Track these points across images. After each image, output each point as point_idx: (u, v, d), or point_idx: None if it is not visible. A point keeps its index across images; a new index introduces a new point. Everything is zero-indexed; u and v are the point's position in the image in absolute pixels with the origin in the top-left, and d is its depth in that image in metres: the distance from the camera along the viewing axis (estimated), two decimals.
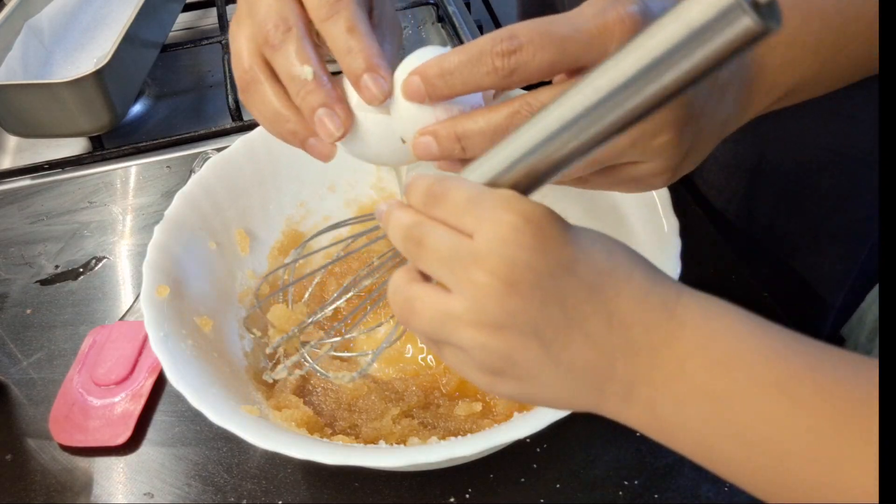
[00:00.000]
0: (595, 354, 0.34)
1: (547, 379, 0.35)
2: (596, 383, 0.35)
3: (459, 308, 0.35)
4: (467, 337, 0.35)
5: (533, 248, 0.34)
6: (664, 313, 0.34)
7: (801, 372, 0.32)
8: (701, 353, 0.33)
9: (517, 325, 0.34)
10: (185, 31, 1.11)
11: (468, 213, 0.35)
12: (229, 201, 0.62)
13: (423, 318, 0.36)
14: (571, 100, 0.33)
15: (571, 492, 0.53)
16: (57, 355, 0.65)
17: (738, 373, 0.32)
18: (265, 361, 0.60)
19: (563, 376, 0.35)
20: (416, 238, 0.37)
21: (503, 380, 0.36)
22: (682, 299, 0.34)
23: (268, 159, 0.64)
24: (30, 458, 0.58)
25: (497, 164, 0.36)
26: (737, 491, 0.52)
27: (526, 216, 0.34)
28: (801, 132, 0.63)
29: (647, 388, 0.34)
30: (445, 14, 1.04)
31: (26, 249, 0.75)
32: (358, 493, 0.54)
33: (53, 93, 0.80)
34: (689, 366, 0.33)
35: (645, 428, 0.36)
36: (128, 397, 0.60)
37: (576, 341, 0.34)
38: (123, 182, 0.83)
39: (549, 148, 0.34)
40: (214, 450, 0.57)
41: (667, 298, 0.34)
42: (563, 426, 0.45)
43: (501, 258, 0.34)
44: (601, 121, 0.32)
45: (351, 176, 0.68)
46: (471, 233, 0.35)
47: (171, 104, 0.97)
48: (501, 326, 0.34)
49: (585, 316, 0.34)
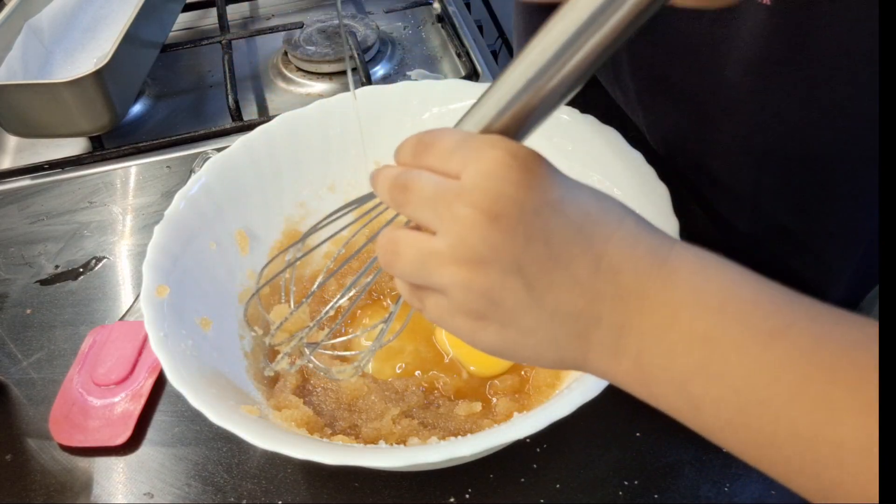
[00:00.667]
0: (581, 298, 0.33)
1: (530, 323, 0.34)
2: (581, 330, 0.33)
3: (442, 245, 0.34)
4: (448, 275, 0.34)
5: (519, 182, 0.33)
6: (656, 260, 0.33)
7: (797, 321, 0.30)
8: (693, 301, 0.32)
9: (500, 260, 0.33)
10: (185, 31, 1.11)
11: (455, 155, 0.34)
12: (229, 201, 0.62)
13: (406, 259, 0.35)
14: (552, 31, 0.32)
15: (571, 492, 0.53)
16: (57, 355, 0.65)
17: (732, 320, 0.31)
18: (265, 361, 0.60)
19: (546, 321, 0.33)
20: (401, 184, 0.36)
21: (485, 326, 0.35)
22: (676, 248, 0.33)
23: (268, 159, 0.64)
24: (30, 458, 0.58)
25: (486, 112, 0.35)
26: (737, 491, 0.52)
27: (513, 153, 0.33)
28: (805, 128, 0.63)
29: (635, 336, 0.32)
30: (445, 14, 1.04)
31: (26, 249, 0.75)
32: (358, 493, 0.54)
33: (53, 93, 0.80)
34: (681, 313, 0.32)
35: (631, 383, 0.34)
36: (128, 397, 0.60)
37: (561, 283, 0.33)
38: (123, 182, 0.83)
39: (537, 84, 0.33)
40: (214, 450, 0.57)
41: (659, 246, 0.33)
42: (563, 426, 0.45)
43: (486, 191, 0.33)
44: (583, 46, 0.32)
45: (351, 176, 0.68)
46: (457, 174, 0.34)
47: (171, 104, 0.97)
48: (483, 261, 0.33)
49: (572, 257, 0.33)
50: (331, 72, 0.97)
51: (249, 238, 0.63)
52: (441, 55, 1.01)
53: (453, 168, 0.34)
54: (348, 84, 0.80)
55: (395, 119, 0.67)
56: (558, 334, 0.34)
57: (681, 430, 0.56)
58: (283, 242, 0.65)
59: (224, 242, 0.61)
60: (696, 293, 0.32)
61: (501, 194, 0.33)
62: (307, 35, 1.00)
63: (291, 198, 0.66)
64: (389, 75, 0.98)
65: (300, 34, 1.00)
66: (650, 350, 0.32)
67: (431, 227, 0.35)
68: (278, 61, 1.01)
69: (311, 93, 0.96)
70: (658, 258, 0.33)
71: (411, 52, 1.02)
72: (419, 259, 0.35)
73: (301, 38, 1.00)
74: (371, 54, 0.99)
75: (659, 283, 0.32)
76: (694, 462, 0.54)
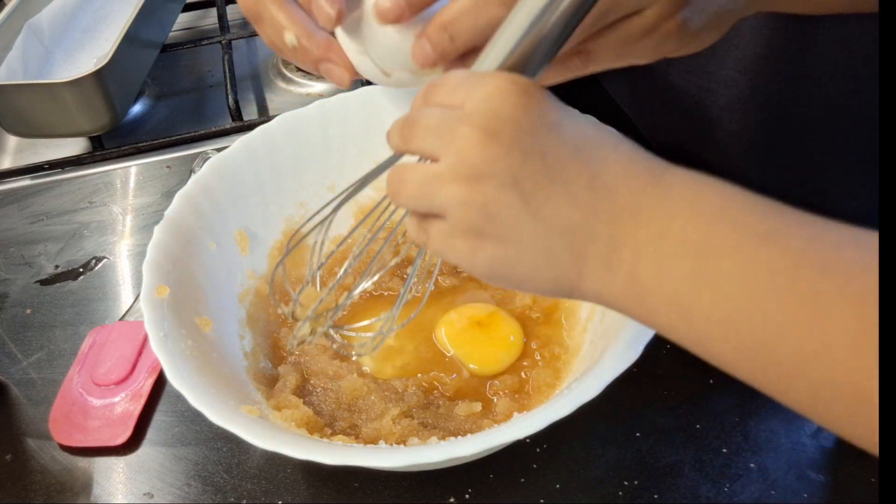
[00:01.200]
0: (576, 213, 0.34)
1: (527, 237, 0.35)
2: (577, 246, 0.34)
3: (443, 166, 0.35)
4: (448, 193, 0.35)
5: (516, 104, 0.34)
6: (651, 178, 0.34)
7: (789, 225, 0.31)
8: (687, 212, 0.32)
9: (496, 173, 0.34)
10: (185, 31, 1.11)
11: (459, 88, 0.36)
12: (229, 201, 0.62)
13: (410, 184, 0.37)
14: None
15: (571, 492, 0.53)
16: (57, 355, 0.65)
17: (724, 227, 0.32)
18: (265, 361, 0.60)
19: (542, 234, 0.34)
20: (410, 121, 0.38)
21: (483, 244, 0.35)
22: (671, 168, 0.34)
23: (268, 159, 0.64)
24: (30, 458, 0.58)
25: (496, 54, 0.37)
26: (737, 491, 0.52)
27: (514, 80, 0.35)
28: (806, 127, 0.63)
29: (629, 249, 0.33)
30: None
31: (26, 249, 0.75)
32: (358, 494, 0.54)
33: (53, 93, 0.80)
34: (674, 224, 0.32)
35: (625, 299, 0.34)
36: (128, 397, 0.60)
37: (557, 197, 0.34)
38: (123, 182, 0.83)
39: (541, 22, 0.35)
40: (214, 450, 0.57)
41: (654, 167, 0.34)
42: (563, 426, 0.45)
43: (484, 112, 0.34)
44: None
45: (351, 176, 0.68)
46: (461, 104, 0.36)
47: (171, 104, 0.97)
48: (481, 176, 0.34)
49: (568, 174, 0.34)
50: None
51: (249, 238, 0.63)
52: None
53: (458, 99, 0.36)
54: None
55: (395, 119, 0.67)
56: (554, 248, 0.34)
57: (681, 430, 0.56)
58: (282, 242, 0.65)
59: (224, 242, 0.61)
60: (689, 205, 0.33)
61: (499, 114, 0.34)
62: None
63: (291, 198, 0.66)
64: None
65: None
66: (644, 261, 0.33)
67: (436, 155, 0.36)
68: (278, 61, 1.01)
69: (311, 93, 0.96)
70: (653, 176, 0.34)
71: None
72: (422, 182, 0.36)
73: None
74: None
75: (654, 198, 0.33)
76: (694, 462, 0.54)
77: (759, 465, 0.54)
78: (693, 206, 0.32)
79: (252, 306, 0.62)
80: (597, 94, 0.77)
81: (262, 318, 0.62)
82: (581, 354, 0.57)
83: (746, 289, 0.30)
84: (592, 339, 0.57)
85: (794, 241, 0.30)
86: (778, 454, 0.54)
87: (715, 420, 0.56)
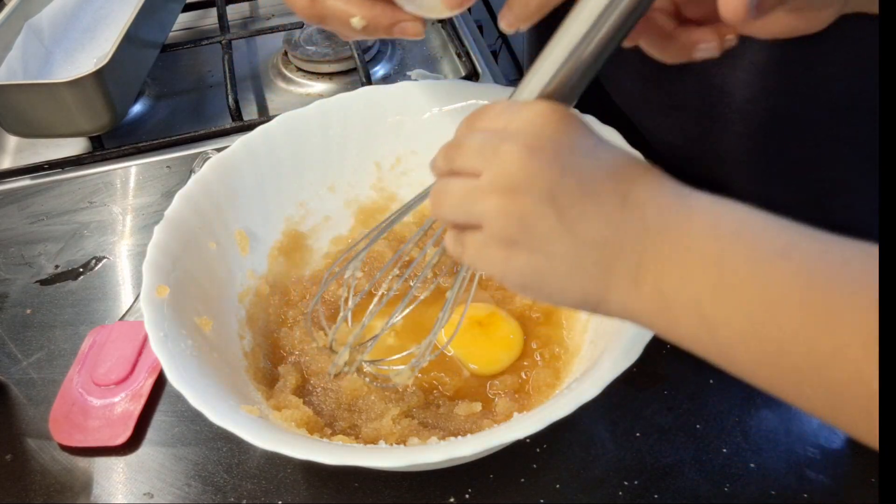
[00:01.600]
0: (607, 228, 0.36)
1: (559, 249, 0.37)
2: (606, 259, 0.36)
3: (484, 179, 0.38)
4: (488, 204, 0.37)
5: (557, 127, 0.37)
6: (677, 199, 0.36)
7: (802, 241, 0.34)
8: (710, 230, 0.35)
9: (535, 187, 0.36)
10: (185, 31, 1.11)
11: (503, 114, 0.39)
12: (229, 201, 0.62)
13: (452, 196, 0.39)
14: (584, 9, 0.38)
15: (571, 492, 0.53)
16: (57, 355, 0.65)
17: (744, 244, 0.34)
18: (265, 361, 0.60)
19: (575, 247, 0.36)
20: (455, 144, 0.40)
21: (517, 253, 0.37)
22: (695, 193, 0.37)
23: (268, 159, 0.64)
24: (30, 458, 0.58)
25: (535, 84, 0.40)
26: (737, 491, 0.52)
27: (554, 107, 0.38)
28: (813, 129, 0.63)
29: (654, 263, 0.35)
30: None
31: (26, 249, 0.76)
32: (358, 494, 0.54)
33: (53, 93, 0.80)
34: (698, 240, 0.35)
35: (650, 312, 0.36)
36: (128, 397, 0.60)
37: (590, 213, 0.36)
38: (123, 182, 0.83)
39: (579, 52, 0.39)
40: (214, 450, 0.57)
41: (680, 190, 0.37)
42: (563, 426, 0.45)
43: (528, 132, 0.37)
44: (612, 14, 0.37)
45: (351, 176, 0.68)
46: (504, 127, 0.38)
47: (171, 104, 0.97)
48: (520, 188, 0.36)
49: (601, 193, 0.36)
50: (331, 72, 0.97)
51: (249, 238, 0.63)
52: (441, 55, 1.01)
53: (501, 124, 0.39)
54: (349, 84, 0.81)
55: (395, 119, 0.67)
56: (585, 261, 0.37)
57: (681, 430, 0.56)
58: (282, 242, 0.65)
59: (224, 242, 0.61)
60: (712, 223, 0.35)
61: (541, 134, 0.37)
62: (307, 35, 1.00)
63: (291, 198, 0.66)
64: (389, 75, 0.98)
65: (300, 34, 1.00)
66: (668, 274, 0.35)
67: (478, 170, 0.38)
68: (278, 61, 1.01)
69: (311, 93, 0.96)
70: (679, 198, 0.37)
71: (411, 52, 1.02)
72: (464, 194, 0.39)
73: (301, 38, 1.00)
74: (371, 54, 0.99)
75: (679, 217, 0.36)
76: (694, 462, 0.54)
77: (759, 465, 0.54)
78: (714, 225, 0.35)
79: (252, 306, 0.62)
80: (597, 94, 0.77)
81: (262, 318, 0.62)
82: (581, 354, 0.57)
83: (765, 299, 0.33)
84: (592, 339, 0.57)
85: (807, 255, 0.33)
86: (778, 454, 0.54)
87: (715, 420, 0.56)
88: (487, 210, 0.37)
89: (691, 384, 0.59)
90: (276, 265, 0.64)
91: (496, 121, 0.39)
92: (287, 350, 0.61)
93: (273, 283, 0.64)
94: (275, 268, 0.64)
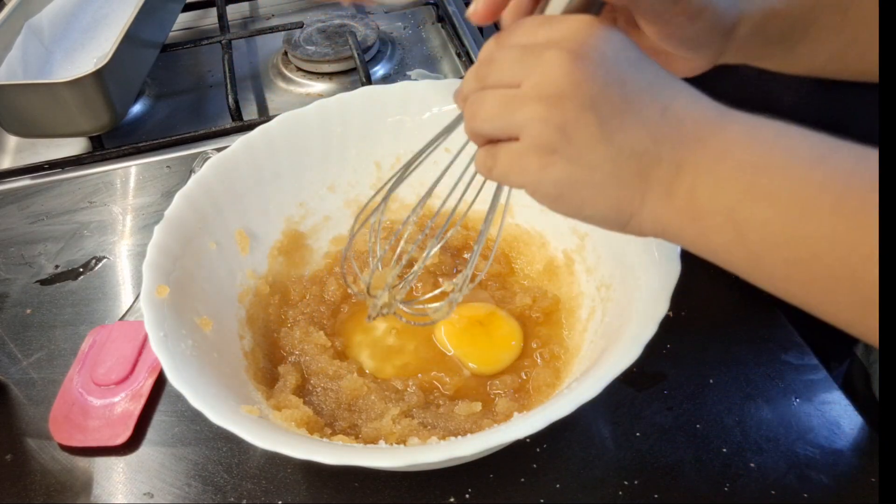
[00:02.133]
0: (647, 138, 0.36)
1: (597, 159, 0.36)
2: (643, 169, 0.36)
3: (526, 87, 0.37)
4: (529, 110, 0.37)
5: (603, 38, 0.37)
6: (715, 112, 0.37)
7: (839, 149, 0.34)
8: (745, 139, 0.35)
9: (578, 95, 0.36)
10: (185, 31, 1.11)
11: (542, 27, 0.38)
12: (229, 201, 0.62)
13: (491, 108, 0.38)
14: None
15: (571, 492, 0.53)
16: (57, 355, 0.65)
17: (779, 150, 0.34)
18: (265, 361, 0.60)
19: (613, 157, 0.36)
20: (486, 61, 0.39)
21: (554, 161, 0.37)
22: (732, 109, 0.37)
23: (268, 159, 0.64)
24: (30, 458, 0.58)
25: None
26: (737, 491, 0.52)
27: (597, 20, 0.37)
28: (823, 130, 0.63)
29: (690, 172, 0.36)
30: (445, 14, 1.04)
31: (26, 249, 0.76)
32: (358, 493, 0.54)
33: (53, 93, 0.80)
34: (733, 149, 0.35)
35: (682, 221, 0.37)
36: (128, 397, 0.61)
37: (630, 124, 0.36)
38: (123, 182, 0.83)
39: None
40: (214, 450, 0.57)
41: (718, 105, 0.37)
42: (563, 426, 0.45)
43: (573, 38, 0.37)
44: None
45: (351, 176, 0.68)
46: (545, 38, 0.37)
47: (171, 104, 0.97)
48: (563, 96, 0.36)
49: (642, 103, 0.36)
50: (331, 72, 0.98)
51: (249, 238, 0.63)
52: (441, 55, 1.01)
53: (541, 36, 0.38)
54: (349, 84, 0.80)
55: (395, 119, 0.67)
56: (622, 171, 0.37)
57: (681, 430, 0.56)
58: (282, 242, 0.65)
59: (224, 242, 0.61)
60: (748, 134, 0.35)
61: (588, 40, 0.37)
62: (307, 35, 1.00)
63: (291, 198, 0.66)
64: (389, 75, 0.98)
65: (300, 34, 1.00)
66: (702, 182, 0.35)
67: (517, 80, 0.38)
68: (278, 61, 1.01)
69: (311, 93, 0.96)
70: (717, 111, 0.37)
71: (411, 52, 1.02)
72: (502, 102, 0.38)
73: (301, 38, 1.00)
74: (371, 54, 0.99)
75: (716, 128, 0.36)
76: (694, 462, 0.54)
77: (759, 465, 0.54)
78: (750, 134, 0.35)
79: (252, 306, 0.62)
80: None
81: (261, 318, 0.62)
82: (581, 354, 0.57)
83: (799, 204, 0.33)
84: (592, 339, 0.57)
85: (843, 163, 0.33)
86: (778, 454, 0.54)
87: (715, 420, 0.56)
88: (529, 117, 0.37)
89: (691, 384, 0.59)
90: (276, 265, 0.65)
91: (534, 34, 0.38)
92: (287, 350, 0.61)
93: (273, 283, 0.64)
94: (275, 268, 0.64)
